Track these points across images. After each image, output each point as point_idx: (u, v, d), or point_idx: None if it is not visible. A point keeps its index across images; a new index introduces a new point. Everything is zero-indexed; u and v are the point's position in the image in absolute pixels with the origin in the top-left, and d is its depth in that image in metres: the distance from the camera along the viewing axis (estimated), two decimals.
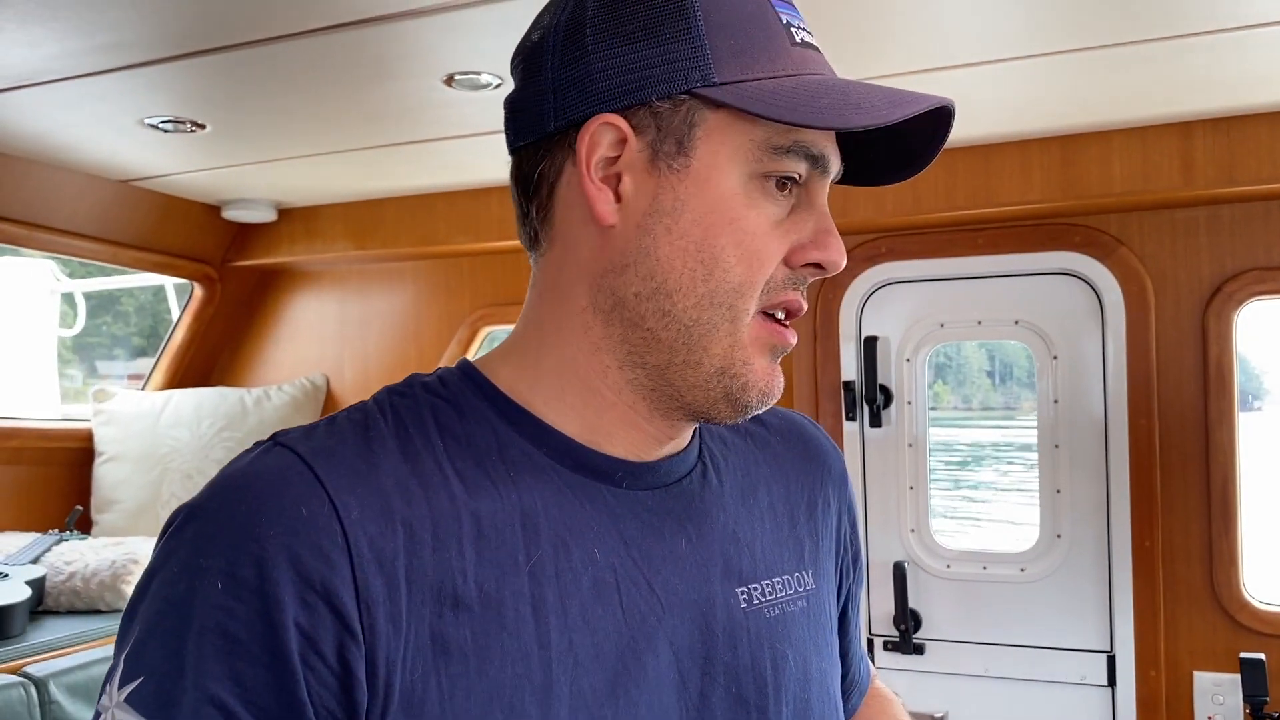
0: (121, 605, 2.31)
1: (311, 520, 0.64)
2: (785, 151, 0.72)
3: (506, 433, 0.74)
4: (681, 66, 0.71)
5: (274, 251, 3.05)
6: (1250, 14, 1.64)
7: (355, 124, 2.18)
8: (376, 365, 3.15)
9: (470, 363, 0.79)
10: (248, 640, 0.61)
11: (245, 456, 0.70)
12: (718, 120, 0.72)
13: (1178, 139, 2.20)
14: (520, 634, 0.68)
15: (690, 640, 0.75)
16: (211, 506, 0.66)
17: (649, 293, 0.73)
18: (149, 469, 2.96)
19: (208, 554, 0.63)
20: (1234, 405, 2.30)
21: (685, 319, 0.72)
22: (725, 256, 0.72)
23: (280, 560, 0.62)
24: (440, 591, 0.66)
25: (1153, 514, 2.34)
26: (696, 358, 0.73)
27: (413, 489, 0.68)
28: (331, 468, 0.66)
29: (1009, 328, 2.54)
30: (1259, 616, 2.26)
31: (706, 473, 0.83)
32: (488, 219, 2.79)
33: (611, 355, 0.75)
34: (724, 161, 0.72)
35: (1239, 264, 2.29)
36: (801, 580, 0.86)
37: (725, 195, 0.72)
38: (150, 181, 2.66)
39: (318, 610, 0.62)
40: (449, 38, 1.71)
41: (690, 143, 0.72)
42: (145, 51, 1.75)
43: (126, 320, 3.09)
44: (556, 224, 0.76)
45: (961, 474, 9.81)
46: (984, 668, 2.50)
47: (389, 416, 0.73)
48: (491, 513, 0.70)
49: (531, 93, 0.75)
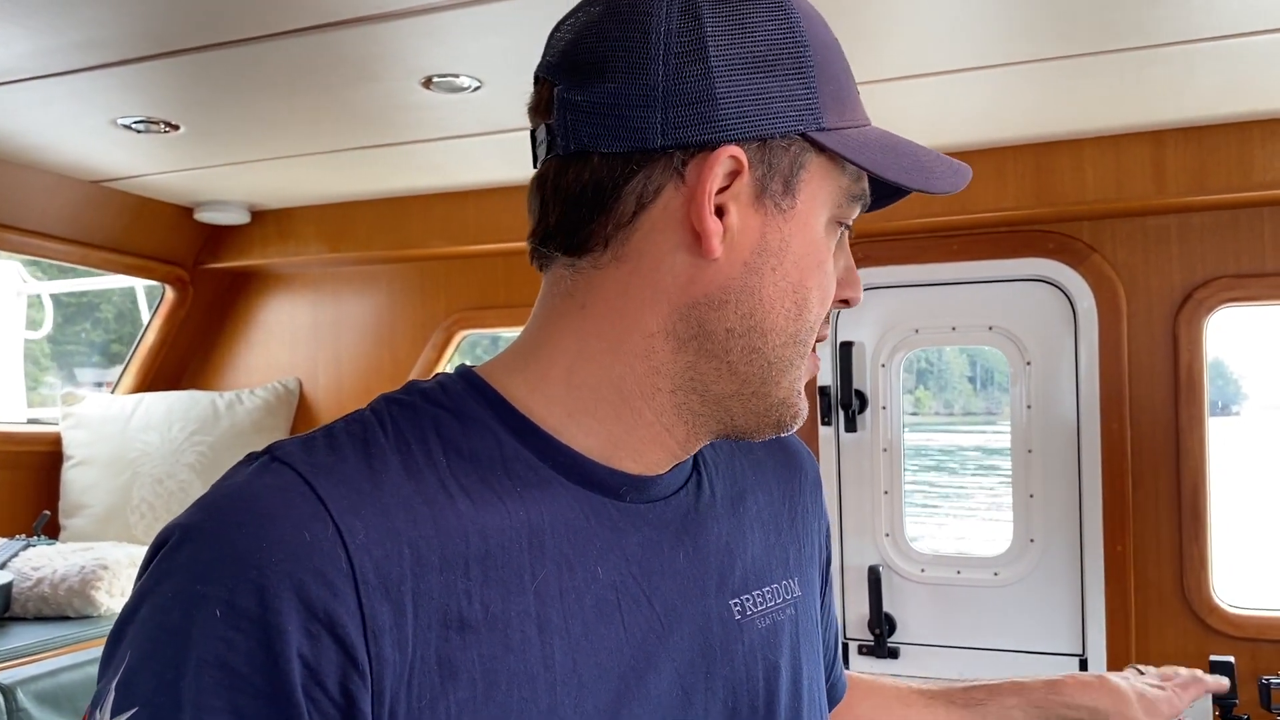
0: (90, 611, 2.29)
1: (315, 546, 0.61)
2: (857, 200, 0.75)
3: (512, 445, 0.71)
4: (798, 107, 0.70)
5: (247, 254, 3.03)
6: (1222, 25, 1.67)
7: (331, 126, 2.17)
8: (350, 369, 3.13)
9: (472, 370, 0.76)
10: (249, 674, 0.59)
11: (240, 471, 0.67)
12: (819, 165, 0.72)
13: (1150, 148, 2.23)
14: (526, 655, 0.66)
15: (691, 656, 0.74)
16: (209, 528, 0.63)
17: (743, 330, 0.72)
18: (118, 473, 2.92)
19: (205, 580, 0.60)
20: (1204, 411, 2.33)
21: (771, 356, 0.73)
22: (811, 297, 0.73)
23: (283, 589, 0.59)
24: (446, 614, 0.64)
25: (1124, 518, 2.36)
26: (766, 390, 0.74)
27: (417, 508, 0.65)
28: (334, 487, 0.64)
29: (983, 333, 2.56)
30: (1228, 620, 2.28)
31: (701, 483, 0.82)
32: (464, 222, 2.78)
33: (668, 380, 0.73)
34: (819, 206, 0.73)
35: (1209, 271, 2.32)
36: (789, 588, 0.85)
37: (817, 239, 0.73)
38: (122, 182, 2.63)
39: (321, 641, 0.60)
40: (427, 40, 1.71)
41: (796, 185, 0.71)
42: (119, 51, 1.74)
43: (106, 327, 3.05)
44: (635, 242, 0.71)
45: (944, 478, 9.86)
46: (958, 671, 2.51)
47: (389, 429, 0.70)
48: (499, 530, 0.68)
49: (626, 97, 0.69)
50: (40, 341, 4.87)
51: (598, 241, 0.72)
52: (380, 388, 0.73)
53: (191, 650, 0.59)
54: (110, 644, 0.64)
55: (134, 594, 0.64)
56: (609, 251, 0.72)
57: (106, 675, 0.62)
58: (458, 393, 0.73)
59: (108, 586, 2.31)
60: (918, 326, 2.60)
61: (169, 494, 2.89)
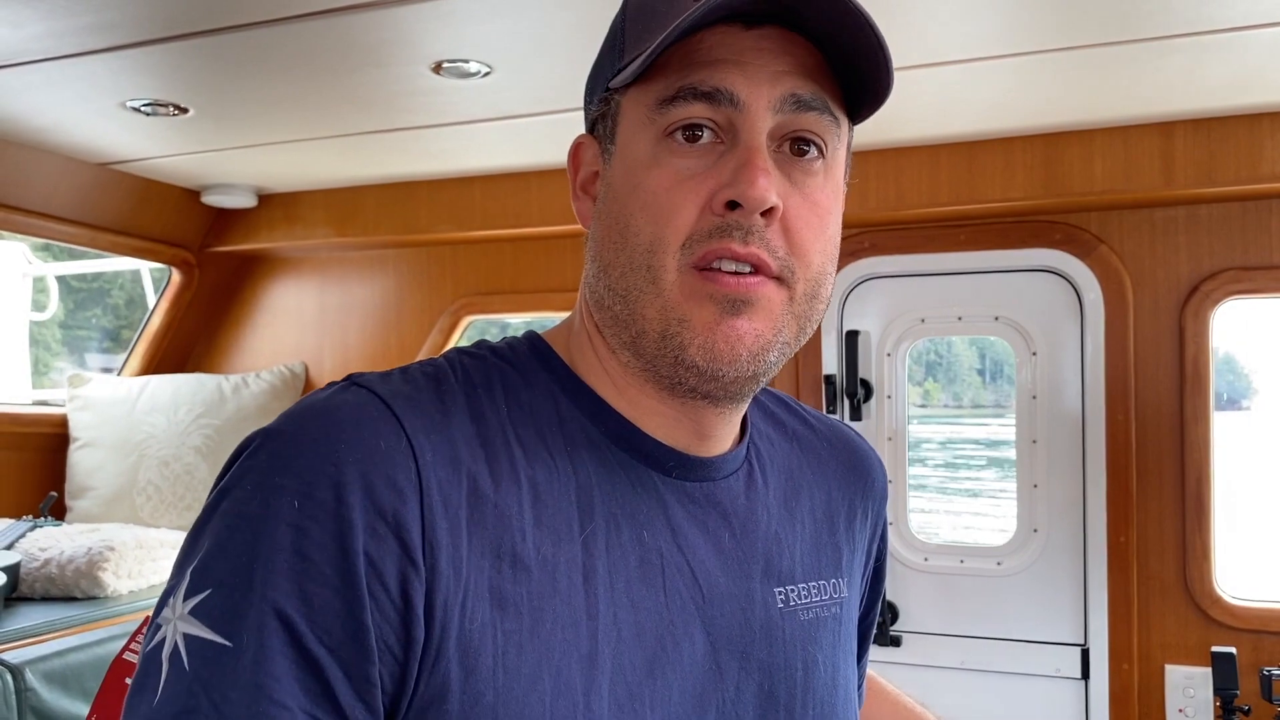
0: (97, 593, 2.29)
1: (389, 454, 0.65)
2: (673, 100, 0.70)
3: (568, 408, 0.75)
4: (606, 72, 0.76)
5: (254, 237, 3.03)
6: (1233, 17, 1.66)
7: (340, 110, 2.17)
8: (356, 354, 3.13)
9: (538, 335, 0.81)
10: (319, 561, 0.62)
11: (321, 393, 0.71)
12: (627, 102, 0.74)
13: (1158, 139, 2.23)
14: (572, 601, 0.69)
15: (729, 632, 0.76)
16: (291, 430, 0.66)
17: (596, 274, 0.75)
18: (125, 455, 2.93)
19: (285, 474, 0.64)
20: (1209, 403, 2.33)
21: (620, 288, 0.73)
22: (634, 221, 0.72)
23: (356, 486, 0.63)
24: (499, 548, 0.67)
25: (1128, 509, 2.36)
26: (640, 326, 0.72)
27: (477, 447, 0.69)
28: (409, 410, 0.68)
29: (989, 323, 2.56)
30: (1230, 611, 2.29)
31: (752, 473, 0.83)
32: (471, 208, 2.78)
33: (604, 343, 0.77)
34: (632, 135, 0.73)
35: (1216, 263, 2.32)
36: (836, 587, 0.86)
37: (633, 165, 0.73)
38: (130, 165, 2.63)
39: (386, 541, 0.63)
40: (437, 25, 1.70)
41: (615, 130, 0.75)
42: (129, 33, 1.74)
43: (117, 312, 3.06)
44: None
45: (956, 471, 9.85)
46: (960, 660, 2.52)
47: (459, 375, 0.74)
48: (548, 481, 0.71)
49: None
50: (51, 325, 4.88)
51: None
52: None
53: (266, 536, 0.62)
54: (189, 540, 0.66)
55: (215, 492, 0.67)
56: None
57: (182, 567, 0.65)
58: (523, 352, 0.78)
59: (114, 568, 2.32)
60: (924, 316, 2.60)
61: (175, 476, 2.90)
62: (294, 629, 0.61)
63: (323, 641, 0.61)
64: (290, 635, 0.61)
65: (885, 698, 1.09)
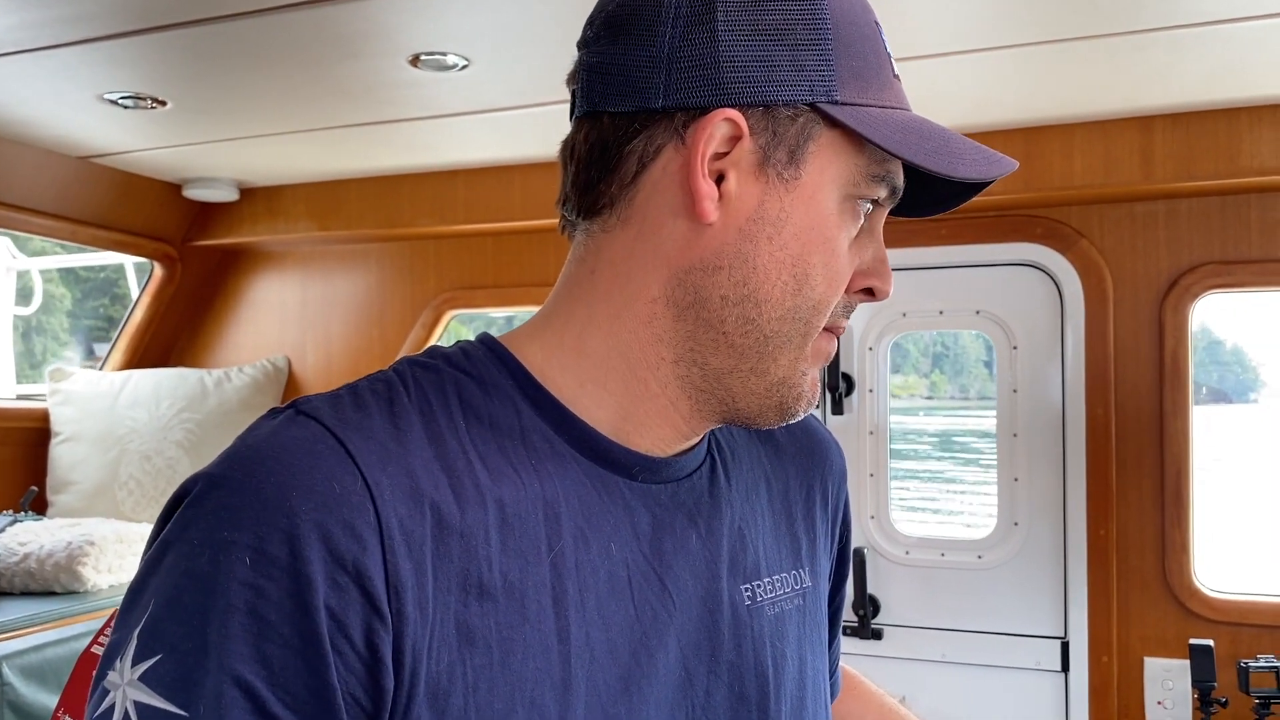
0: (77, 587, 2.29)
1: (345, 497, 0.61)
2: (879, 180, 0.72)
3: (530, 416, 0.72)
4: (809, 77, 0.69)
5: (235, 231, 3.02)
6: (1211, 10, 1.67)
7: (320, 103, 2.16)
8: (339, 348, 3.13)
9: (494, 337, 0.76)
10: (277, 621, 0.58)
11: (264, 424, 0.66)
12: (830, 139, 0.70)
13: (1138, 133, 2.23)
14: (541, 626, 0.66)
15: (697, 637, 0.74)
16: (237, 476, 0.62)
17: (738, 299, 0.71)
18: (106, 450, 2.92)
19: (234, 527, 0.60)
20: (1189, 397, 2.34)
21: (767, 329, 0.71)
22: (815, 274, 0.71)
23: (312, 538, 0.59)
24: (466, 580, 0.64)
25: (1108, 503, 2.37)
26: (764, 367, 0.72)
27: (437, 472, 0.65)
28: (362, 442, 0.64)
29: (970, 318, 2.57)
30: (1209, 604, 2.30)
31: (715, 467, 0.81)
32: (454, 201, 2.77)
33: (670, 349, 0.73)
34: (829, 181, 0.71)
35: (1196, 258, 2.33)
36: (799, 578, 0.85)
37: (825, 214, 0.71)
38: (110, 158, 2.62)
39: (348, 592, 0.59)
40: (415, 18, 1.70)
41: (802, 156, 0.70)
42: (106, 25, 1.73)
43: (125, 302, 3.07)
44: (638, 205, 0.72)
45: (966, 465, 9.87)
46: (941, 653, 2.53)
47: (412, 391, 0.70)
48: (515, 500, 0.68)
49: (635, 58, 0.70)
50: (58, 315, 4.84)
51: (606, 204, 0.73)
52: (369, 367, 0.74)
53: (219, 596, 0.58)
54: (131, 595, 0.63)
55: (156, 544, 0.63)
56: (615, 214, 0.73)
57: (126, 625, 0.61)
58: (479, 358, 0.73)
59: (94, 563, 2.32)
60: (905, 310, 2.61)
61: (156, 471, 2.89)
62: (254, 695, 0.58)
63: (286, 705, 0.58)
64: (251, 702, 0.58)
65: (869, 701, 1.08)
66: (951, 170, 0.70)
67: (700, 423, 0.76)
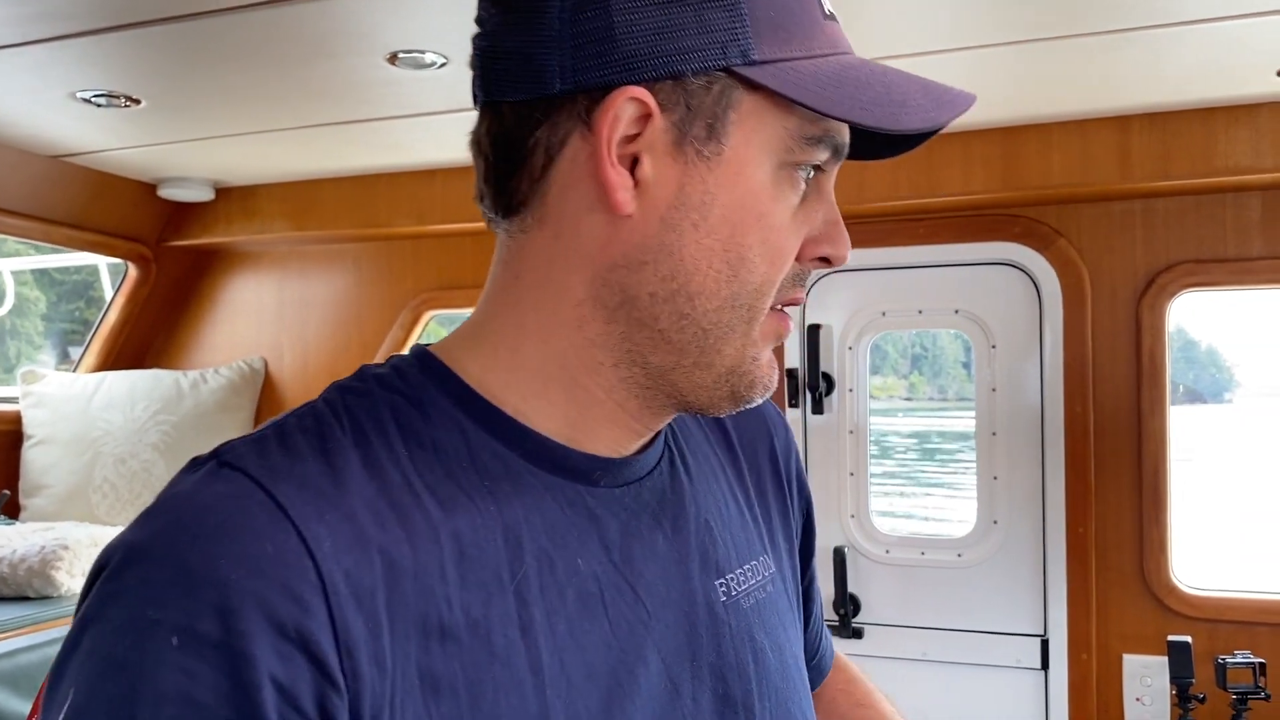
0: (50, 592, 2.26)
1: (280, 558, 0.55)
2: (817, 141, 0.65)
3: (477, 435, 0.66)
4: (719, 38, 0.62)
5: (211, 231, 2.99)
6: (1187, 11, 1.68)
7: (296, 102, 2.14)
8: (316, 349, 3.10)
9: (428, 351, 0.69)
10: (215, 706, 0.52)
11: (185, 480, 0.60)
12: (753, 104, 0.63)
13: (1115, 133, 2.25)
14: (511, 661, 0.61)
15: (676, 644, 0.70)
16: (157, 545, 0.56)
17: (667, 294, 0.65)
18: (80, 453, 2.89)
19: (157, 604, 0.53)
20: (1166, 395, 2.35)
21: (704, 322, 0.65)
22: (751, 256, 0.65)
23: (247, 609, 0.53)
24: (425, 623, 0.59)
25: (1086, 501, 2.38)
26: (708, 360, 0.67)
27: (383, 510, 0.60)
28: (294, 492, 0.57)
29: (949, 317, 2.57)
30: (1186, 601, 2.32)
31: (674, 460, 0.77)
32: (431, 201, 2.76)
33: (608, 353, 0.67)
34: (756, 151, 0.64)
35: (1172, 256, 2.34)
36: (765, 564, 0.81)
37: (755, 188, 0.64)
38: (83, 158, 2.59)
39: (295, 661, 0.54)
40: (392, 16, 1.69)
41: (723, 128, 0.63)
42: (78, 22, 1.70)
43: (100, 305, 3.04)
44: (551, 201, 0.66)
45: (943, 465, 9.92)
46: (921, 652, 2.54)
47: (345, 421, 0.63)
48: (471, 529, 0.62)
49: (527, 39, 0.64)
50: (33, 318, 4.77)
51: (520, 202, 0.67)
52: (347, 367, 0.70)
53: (146, 685, 0.52)
54: (51, 683, 0.56)
55: (74, 624, 0.57)
56: (531, 213, 0.67)
57: (49, 712, 0.55)
58: (414, 376, 0.67)
59: (68, 567, 2.29)
60: (884, 309, 2.61)
61: (131, 474, 2.86)
62: None
63: None
64: None
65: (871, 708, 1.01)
66: (894, 123, 0.64)
67: (653, 419, 0.72)
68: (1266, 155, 2.14)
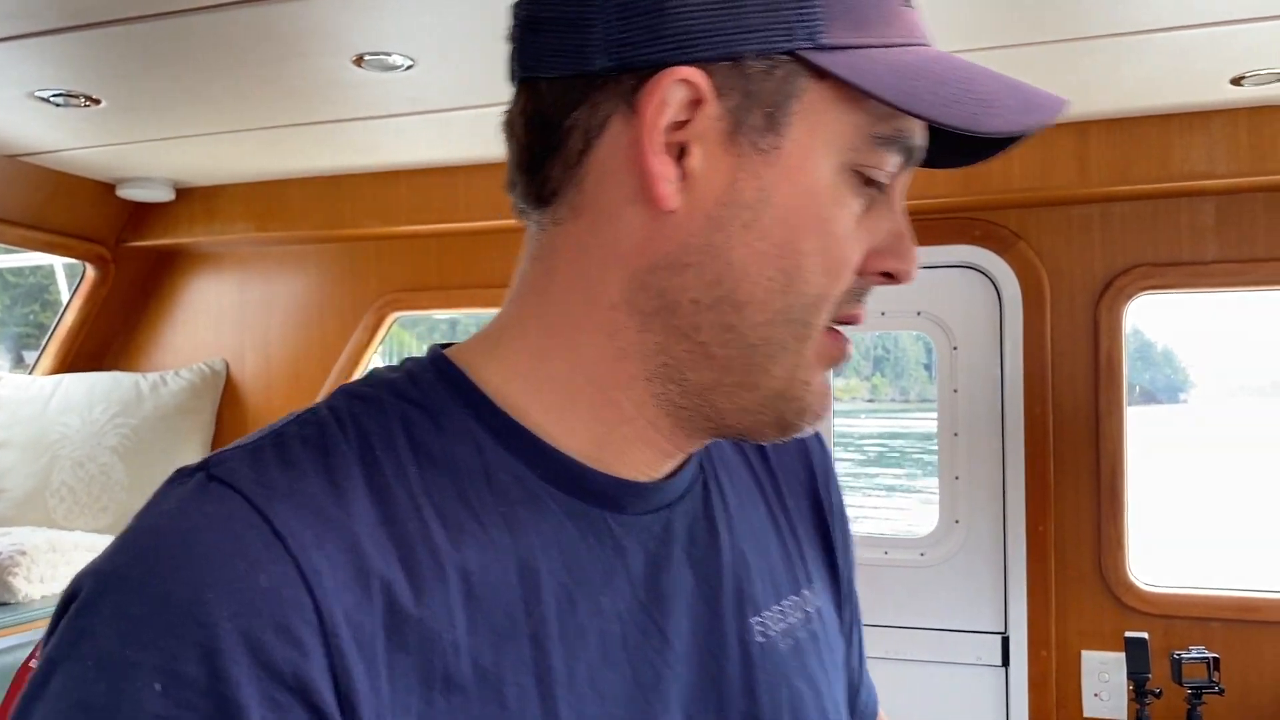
0: (7, 598, 2.23)
1: (275, 592, 0.48)
2: (887, 142, 0.58)
3: (494, 451, 0.59)
4: (786, 17, 0.55)
5: (172, 232, 2.96)
6: (1145, 19, 1.71)
7: (259, 102, 2.13)
8: (278, 351, 3.07)
9: (445, 355, 0.63)
10: None
11: (169, 496, 0.53)
12: (819, 94, 0.56)
13: (1074, 138, 2.28)
14: (525, 713, 0.54)
15: (703, 693, 0.63)
16: (137, 576, 0.49)
17: (711, 301, 0.57)
18: (37, 456, 2.85)
19: (137, 644, 0.47)
20: (1123, 396, 2.39)
21: (752, 337, 0.58)
22: (808, 264, 0.57)
23: (238, 651, 0.47)
24: (427, 675, 0.52)
25: (1046, 500, 2.42)
26: (754, 380, 0.59)
27: (385, 541, 0.53)
28: (293, 516, 0.51)
29: (911, 319, 2.60)
30: (1143, 597, 2.36)
31: (708, 484, 0.69)
32: (396, 202, 2.74)
33: (641, 365, 0.60)
34: (820, 146, 0.57)
35: (1129, 260, 2.38)
36: (807, 600, 0.74)
37: (815, 189, 0.57)
38: (40, 157, 2.55)
39: (291, 713, 0.48)
40: (358, 17, 1.68)
41: (784, 118, 0.56)
42: (37, 21, 1.68)
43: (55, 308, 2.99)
44: (588, 190, 0.59)
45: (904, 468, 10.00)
46: (885, 650, 2.56)
47: (350, 433, 0.57)
48: (482, 566, 0.55)
49: (571, 10, 0.57)
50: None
51: (553, 189, 0.60)
52: (309, 370, 0.67)
53: None
54: (17, 716, 0.50)
55: (41, 662, 0.50)
56: (565, 203, 0.60)
57: None
58: (429, 384, 0.61)
59: (25, 573, 2.25)
60: None
61: (90, 477, 2.82)
62: None
63: None
64: None
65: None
66: (976, 124, 0.56)
67: (687, 441, 0.65)
68: (1220, 161, 2.19)
